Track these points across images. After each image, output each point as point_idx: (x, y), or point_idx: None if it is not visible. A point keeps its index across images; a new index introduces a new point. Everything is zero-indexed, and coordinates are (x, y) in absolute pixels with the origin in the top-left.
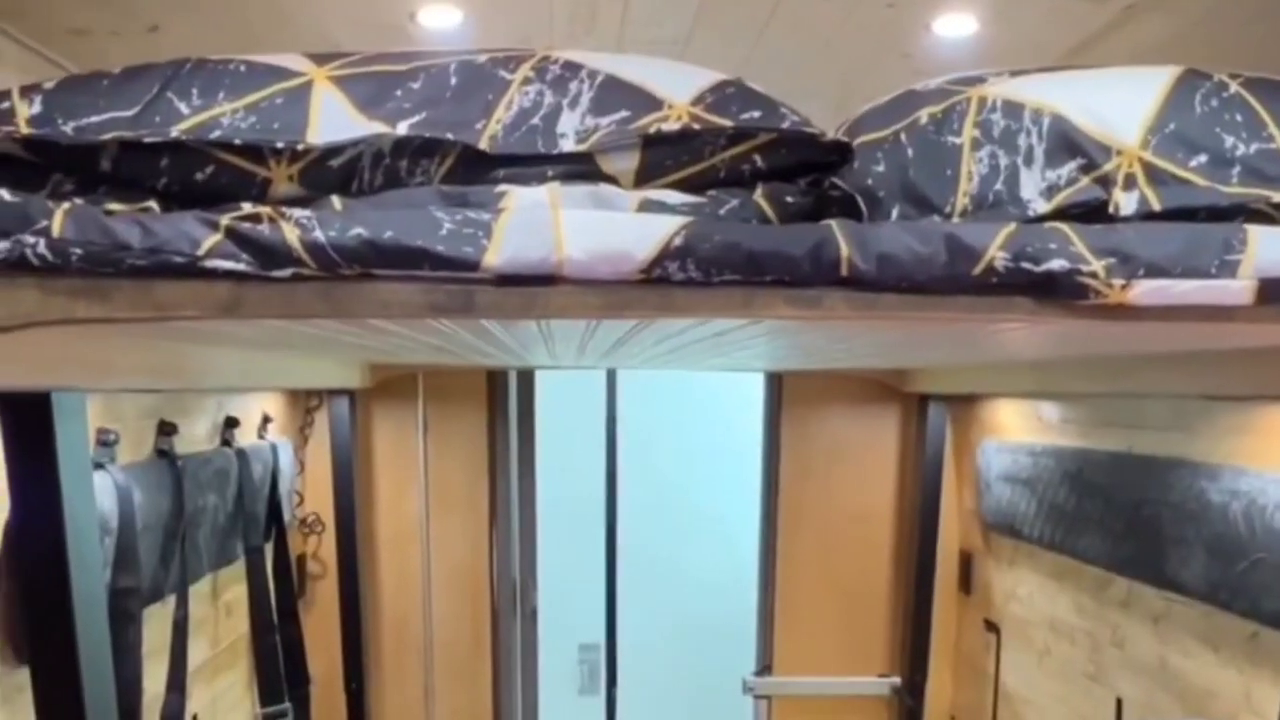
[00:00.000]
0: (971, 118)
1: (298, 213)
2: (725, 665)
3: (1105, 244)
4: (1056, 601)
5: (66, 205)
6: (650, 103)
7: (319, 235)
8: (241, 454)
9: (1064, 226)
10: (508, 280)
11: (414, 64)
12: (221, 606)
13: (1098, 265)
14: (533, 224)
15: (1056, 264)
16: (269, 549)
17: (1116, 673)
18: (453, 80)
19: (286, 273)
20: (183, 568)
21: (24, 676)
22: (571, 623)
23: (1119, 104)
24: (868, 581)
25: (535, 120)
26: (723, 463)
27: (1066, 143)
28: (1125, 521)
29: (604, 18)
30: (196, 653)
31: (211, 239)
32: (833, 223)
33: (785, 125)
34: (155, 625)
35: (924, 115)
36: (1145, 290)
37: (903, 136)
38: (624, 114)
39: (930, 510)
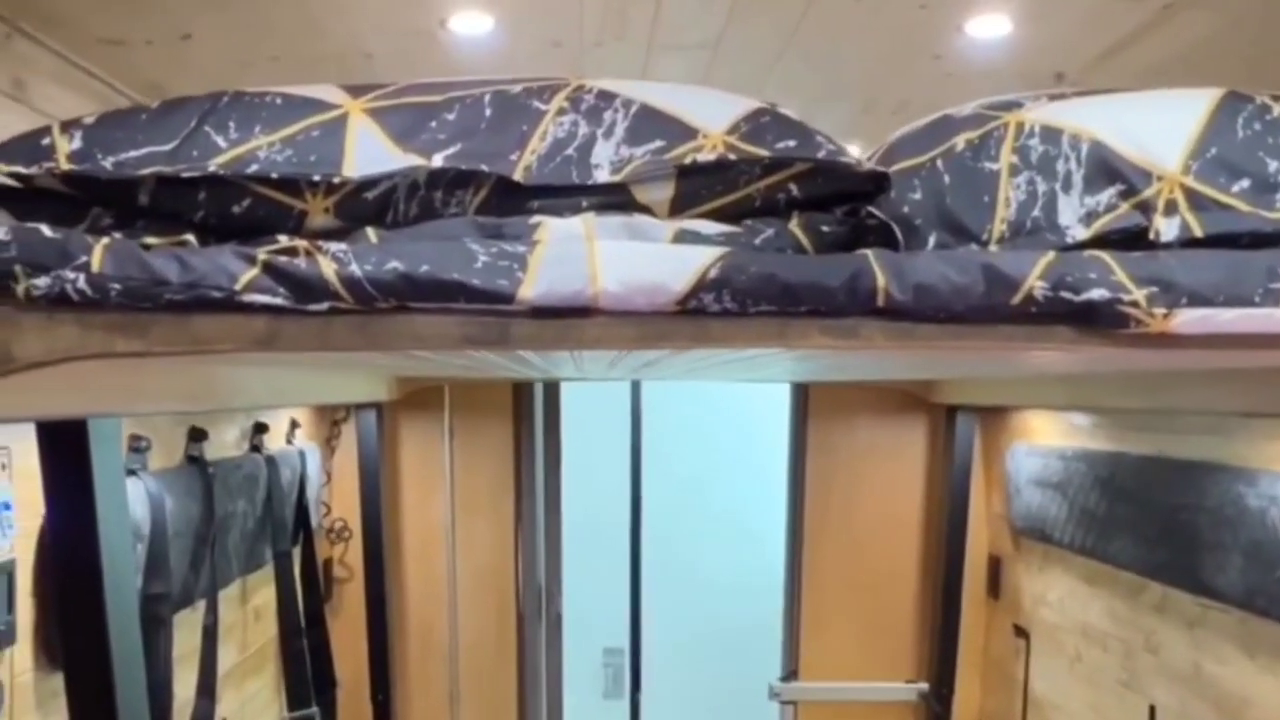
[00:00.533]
0: (1009, 143)
1: (334, 246)
2: (749, 670)
3: (1146, 272)
4: (1088, 607)
5: (106, 240)
6: (685, 132)
7: (355, 269)
8: (270, 459)
9: (1104, 255)
10: (543, 312)
11: (449, 95)
12: (250, 611)
13: (1139, 294)
14: (568, 256)
15: (1097, 293)
16: (296, 554)
17: (1150, 679)
18: (487, 111)
19: (323, 306)
20: (213, 573)
21: (59, 682)
22: (596, 627)
23: (1160, 128)
24: (894, 586)
25: (570, 151)
26: (747, 468)
27: (1106, 168)
28: (1160, 526)
29: (635, 21)
30: (225, 657)
31: (248, 273)
32: (869, 253)
33: (821, 155)
34: (185, 630)
35: (960, 141)
36: (1187, 319)
37: (939, 163)
38: (658, 143)
39: (958, 515)
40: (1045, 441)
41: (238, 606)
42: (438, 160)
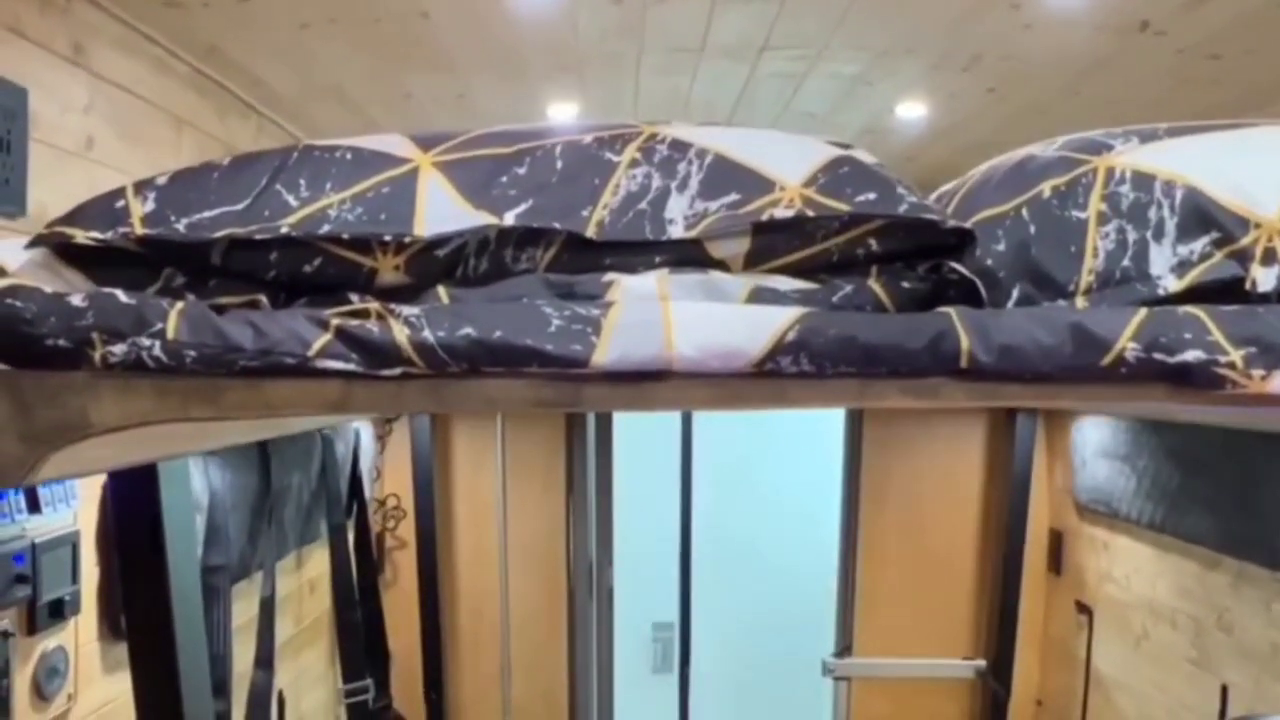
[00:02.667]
0: (1098, 190)
1: (406, 310)
2: (801, 646)
3: (1244, 331)
4: (1156, 583)
5: (180, 306)
6: (761, 184)
7: (428, 335)
8: (325, 433)
9: (1199, 312)
10: (617, 377)
11: (519, 146)
12: (305, 584)
13: (1236, 355)
14: (642, 320)
15: (1192, 355)
16: (351, 528)
17: (1222, 658)
18: (558, 164)
19: (395, 371)
20: (270, 545)
21: (123, 651)
22: (645, 601)
23: (1258, 172)
24: (952, 561)
25: (643, 205)
26: (802, 440)
27: (1200, 215)
28: (1236, 499)
29: None
30: (281, 629)
31: (321, 339)
32: (952, 312)
33: (903, 209)
34: (243, 602)
35: (1047, 188)
36: None
37: (1024, 212)
38: (734, 197)
39: (1020, 488)
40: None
41: (293, 579)
42: (509, 219)
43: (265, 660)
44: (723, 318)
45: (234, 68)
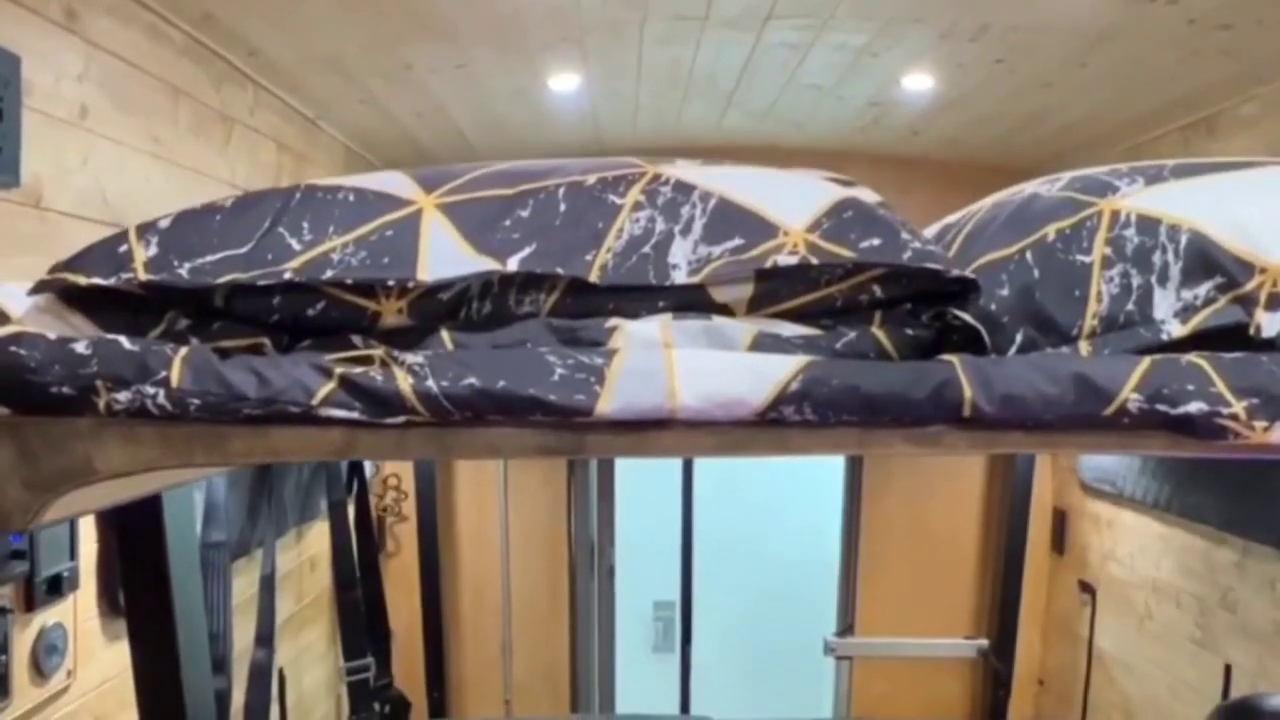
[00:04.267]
0: (1103, 234)
1: (410, 358)
2: (803, 624)
3: (1248, 382)
4: (1160, 562)
5: (184, 353)
6: (765, 229)
7: (431, 385)
8: None
9: (1203, 362)
10: (620, 425)
11: (521, 188)
12: (305, 561)
13: (1238, 407)
14: (645, 369)
15: (1194, 406)
16: (351, 504)
17: (1226, 638)
18: (562, 207)
19: (399, 420)
20: (269, 522)
21: (123, 627)
22: (646, 580)
23: (1264, 217)
24: (955, 540)
25: (646, 249)
26: None
27: (1205, 260)
28: (1241, 478)
29: None
30: (282, 607)
31: (325, 388)
32: (955, 361)
33: (907, 256)
34: (243, 579)
35: (1051, 231)
36: None
37: (1029, 255)
38: (738, 241)
39: (1023, 467)
40: None
41: (293, 556)
42: (512, 264)
43: (265, 638)
44: (726, 367)
45: (230, 36)
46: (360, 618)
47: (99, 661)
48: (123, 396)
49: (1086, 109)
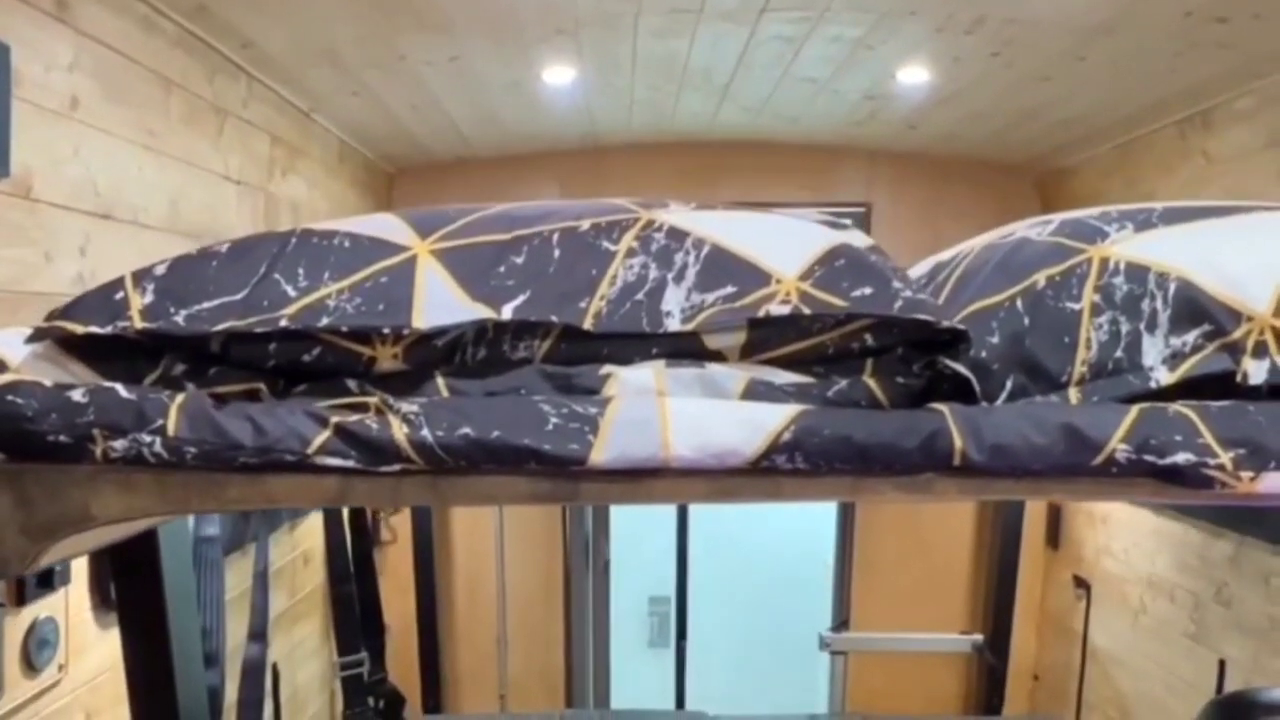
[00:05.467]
0: (1092, 281)
1: (405, 406)
2: (798, 619)
3: (1234, 432)
4: (1155, 558)
5: (180, 400)
6: (757, 277)
7: (427, 434)
8: None
9: (1190, 413)
10: (614, 474)
11: (516, 233)
12: (299, 555)
13: (1225, 458)
14: (639, 420)
15: (1182, 457)
16: None
17: (1220, 633)
18: (556, 253)
19: (394, 468)
20: (262, 516)
21: (115, 619)
22: (642, 575)
23: (1251, 265)
24: (950, 536)
25: (640, 296)
26: None
27: (1193, 308)
28: None
29: None
30: (275, 602)
31: (320, 437)
32: (945, 410)
33: (898, 306)
34: (236, 574)
35: (1041, 278)
36: (1274, 482)
37: (1019, 303)
38: (730, 289)
39: None
40: None
41: (287, 550)
42: (507, 312)
43: (259, 633)
44: (719, 417)
45: (223, 27)
46: (354, 612)
47: (91, 655)
48: (119, 445)
49: (1083, 103)
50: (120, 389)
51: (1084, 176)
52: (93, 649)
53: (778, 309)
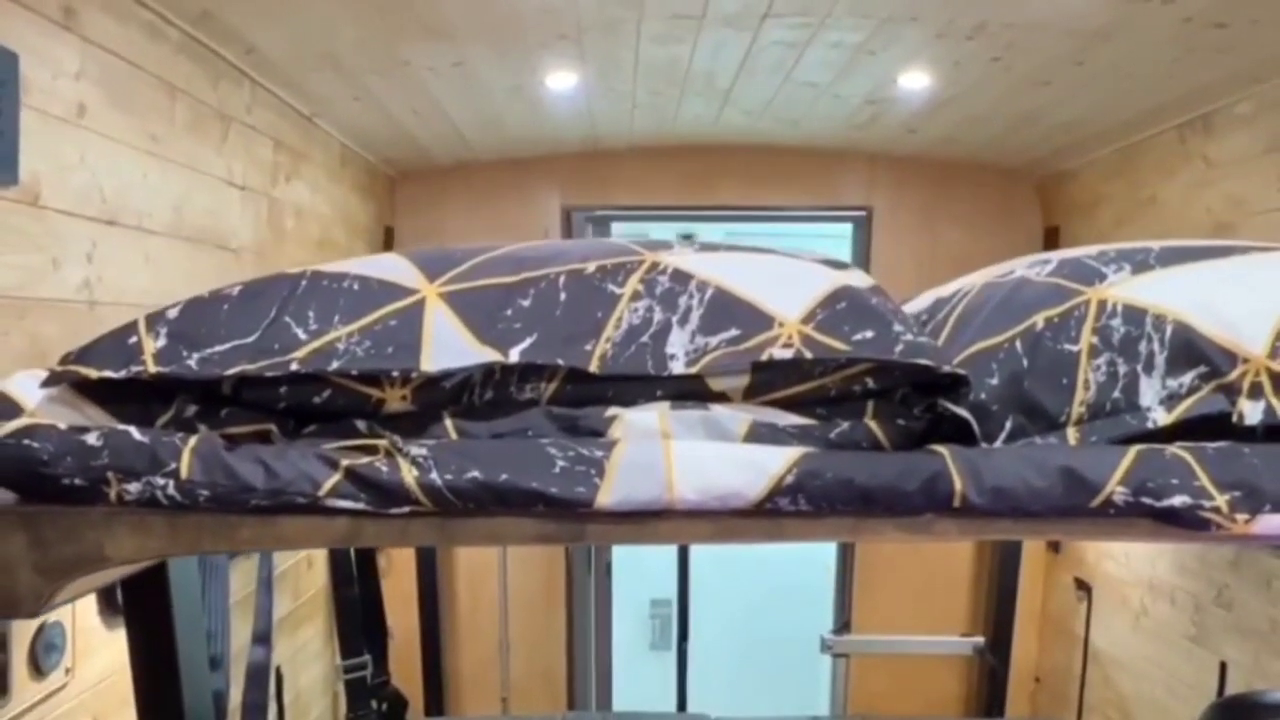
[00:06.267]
0: (1090, 323)
1: (414, 450)
2: (799, 621)
3: (1230, 475)
4: (1156, 560)
5: (192, 443)
6: (760, 320)
7: (435, 477)
8: None
9: (1187, 455)
10: (620, 516)
11: (523, 275)
12: (303, 559)
13: (1221, 500)
14: (644, 464)
15: (1178, 500)
16: None
17: (1221, 635)
18: (562, 295)
19: (404, 510)
20: None
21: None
22: (643, 578)
23: (1247, 308)
24: None
25: (645, 339)
26: None
27: (1189, 350)
28: None
29: None
30: (279, 605)
31: (331, 480)
32: (945, 453)
33: (899, 350)
34: (240, 577)
35: (1040, 320)
36: (1270, 524)
37: (1018, 344)
38: (734, 332)
39: None
40: None
41: (290, 555)
42: (514, 355)
43: (263, 636)
44: (722, 460)
45: (227, 33)
46: (357, 615)
47: (97, 658)
48: (133, 487)
49: (1083, 107)
50: (134, 432)
51: (1084, 180)
52: (99, 652)
53: (780, 353)
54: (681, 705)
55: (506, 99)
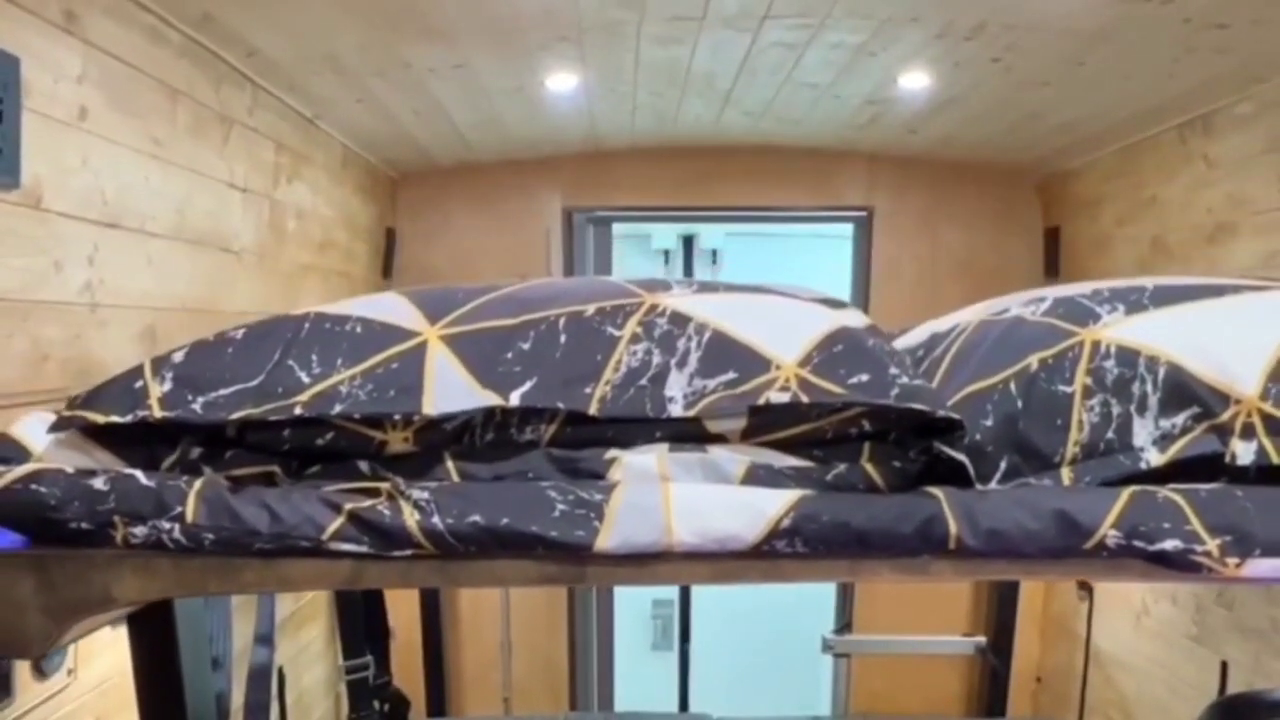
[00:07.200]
0: (1084, 364)
1: (416, 493)
2: (801, 621)
3: (1221, 519)
4: None
5: (198, 486)
6: (758, 363)
7: (437, 521)
8: None
9: (1179, 499)
10: (620, 558)
11: (523, 318)
12: None
13: (1212, 544)
14: (643, 507)
15: (1170, 544)
16: None
17: (1222, 635)
18: (562, 338)
19: (406, 553)
20: None
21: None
22: None
23: (1239, 349)
24: None
25: (643, 381)
26: None
27: (1182, 392)
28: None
29: None
30: (281, 606)
31: (334, 523)
32: (940, 496)
33: (894, 394)
34: None
35: (1034, 361)
36: (1260, 568)
37: (1012, 386)
38: (731, 375)
39: None
40: None
41: None
42: (514, 399)
43: (265, 637)
44: (720, 503)
45: (229, 37)
46: (359, 616)
47: (100, 660)
48: (139, 531)
49: (1083, 107)
50: (140, 476)
51: (1085, 180)
52: (102, 654)
53: (777, 396)
54: (683, 705)
55: (507, 100)
